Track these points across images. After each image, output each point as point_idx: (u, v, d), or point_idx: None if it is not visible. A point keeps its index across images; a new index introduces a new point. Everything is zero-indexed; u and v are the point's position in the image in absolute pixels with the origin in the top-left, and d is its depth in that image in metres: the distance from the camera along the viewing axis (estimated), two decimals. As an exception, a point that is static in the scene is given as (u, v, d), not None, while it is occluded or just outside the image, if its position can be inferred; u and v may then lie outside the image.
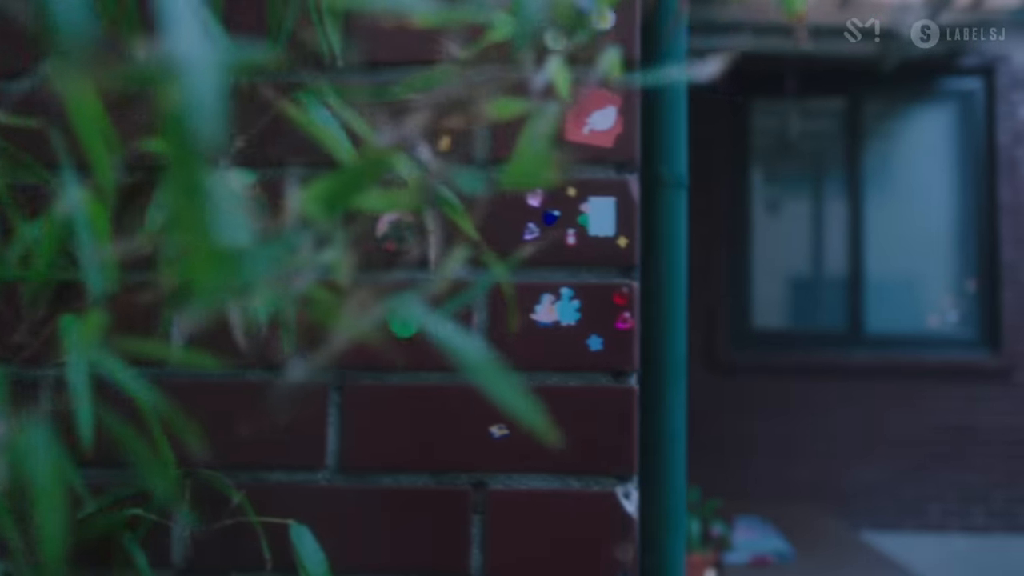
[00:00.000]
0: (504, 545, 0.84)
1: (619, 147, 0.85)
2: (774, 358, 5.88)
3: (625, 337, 0.83)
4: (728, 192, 6.04)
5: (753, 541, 4.00)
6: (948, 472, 5.75)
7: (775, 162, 6.19)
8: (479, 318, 0.86)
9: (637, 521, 0.84)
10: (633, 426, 0.83)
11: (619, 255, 0.84)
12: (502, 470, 0.85)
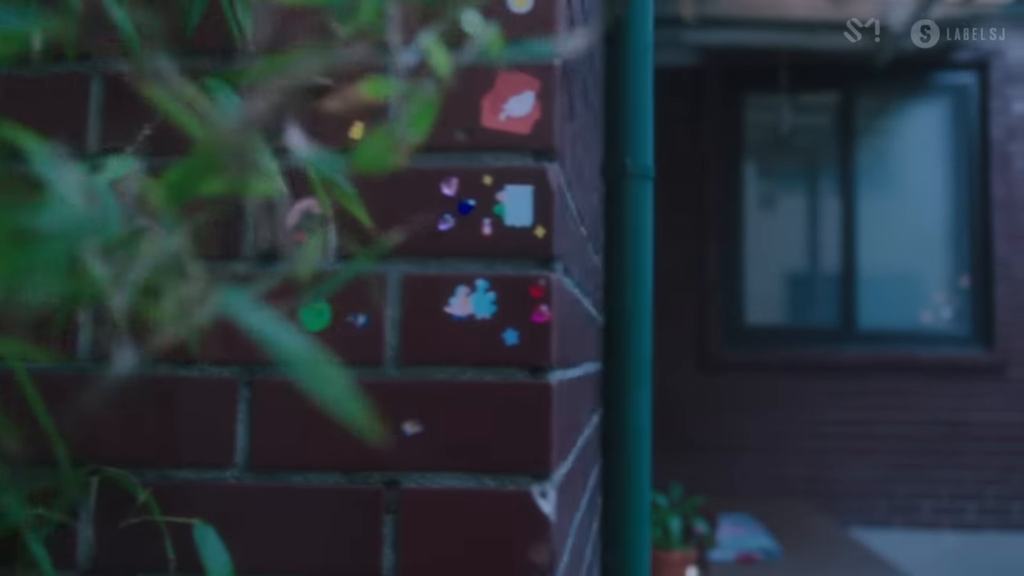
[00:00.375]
0: (417, 545, 0.81)
1: (537, 134, 0.82)
2: (766, 354, 5.85)
3: (542, 331, 0.81)
4: (720, 187, 6.01)
5: (740, 538, 3.98)
6: (940, 469, 5.72)
7: (768, 157, 6.16)
8: (391, 312, 0.83)
9: (554, 521, 0.81)
10: (549, 423, 0.80)
11: (536, 246, 0.81)
12: (415, 468, 0.82)
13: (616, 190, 1.81)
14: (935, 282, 5.92)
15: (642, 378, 1.79)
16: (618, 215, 1.81)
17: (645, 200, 1.83)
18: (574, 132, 1.04)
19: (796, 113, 6.11)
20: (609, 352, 1.79)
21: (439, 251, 0.83)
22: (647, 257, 1.82)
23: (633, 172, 1.80)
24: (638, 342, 1.79)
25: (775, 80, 5.70)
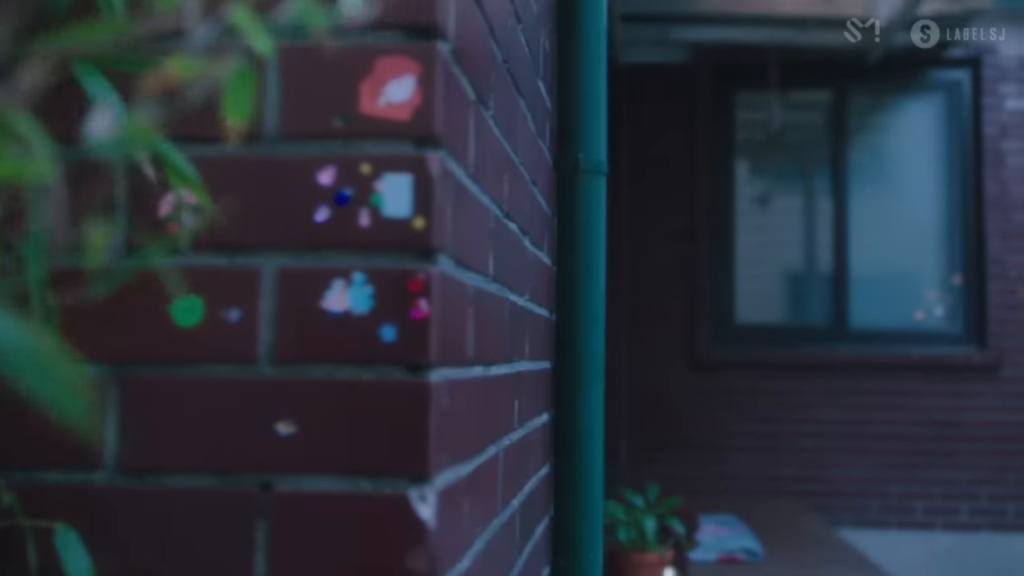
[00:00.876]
0: (290, 551, 0.78)
1: (418, 120, 0.79)
2: (758, 354, 5.81)
3: (420, 327, 0.77)
4: (711, 185, 5.97)
5: (723, 539, 3.94)
6: (933, 469, 5.68)
7: (759, 155, 6.12)
8: (266, 307, 0.80)
9: (434, 527, 0.78)
10: (427, 424, 0.77)
11: (416, 238, 0.78)
12: (290, 471, 0.79)
13: (568, 185, 1.77)
14: (928, 280, 5.87)
15: (594, 378, 1.75)
16: (570, 211, 1.77)
17: (598, 196, 1.79)
18: (480, 120, 1.00)
19: (788, 111, 6.06)
20: (560, 351, 1.76)
21: (315, 244, 0.79)
22: (599, 254, 1.79)
23: (585, 167, 1.77)
24: (590, 340, 1.75)
25: (766, 78, 5.65)
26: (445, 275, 0.82)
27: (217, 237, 0.80)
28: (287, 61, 0.81)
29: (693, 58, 5.98)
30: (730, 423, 5.76)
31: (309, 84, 0.80)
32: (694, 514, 3.52)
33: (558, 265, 1.77)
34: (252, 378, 0.79)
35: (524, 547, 1.39)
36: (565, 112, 1.79)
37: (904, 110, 6.06)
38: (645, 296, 5.91)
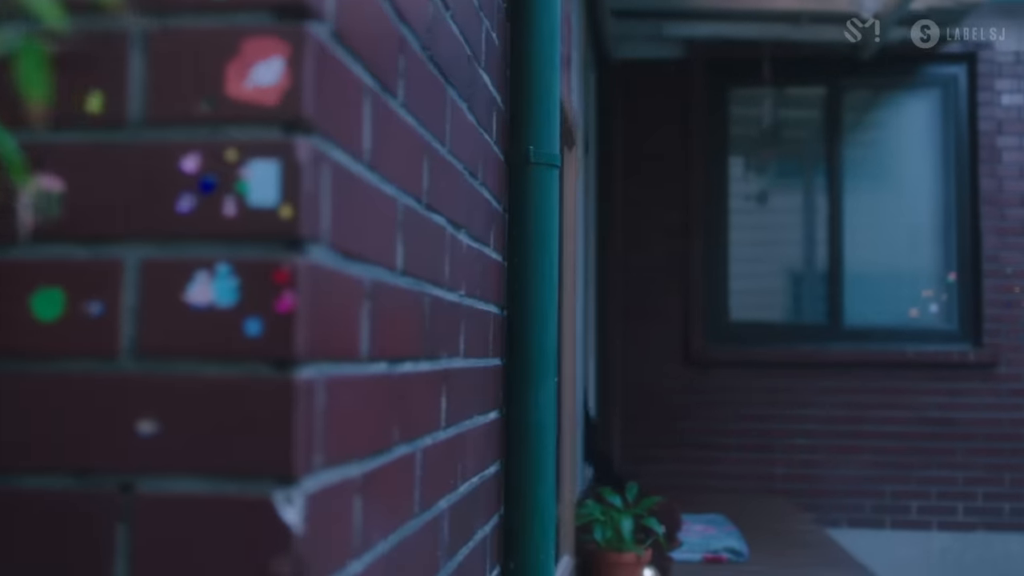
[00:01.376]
0: (152, 555, 0.74)
1: (286, 105, 0.75)
2: (751, 351, 5.76)
3: (286, 321, 0.73)
4: (705, 182, 5.92)
5: (709, 539, 3.90)
6: (928, 468, 5.62)
7: (753, 151, 6.07)
8: (128, 300, 0.76)
9: (301, 531, 0.74)
10: (293, 423, 0.73)
11: (282, 227, 0.74)
12: (153, 471, 0.75)
13: (518, 179, 1.73)
14: (923, 278, 5.82)
15: (545, 374, 1.72)
16: (520, 205, 1.73)
17: (550, 189, 1.75)
18: (380, 106, 0.96)
19: (782, 107, 6.02)
20: (510, 345, 1.72)
21: (178, 234, 0.76)
22: (552, 248, 1.75)
23: (537, 160, 1.73)
24: (541, 337, 1.72)
25: (760, 74, 5.59)
26: (318, 267, 0.78)
27: (79, 227, 0.77)
28: (153, 43, 0.77)
29: (687, 54, 5.93)
30: (724, 421, 5.72)
31: (174, 67, 0.77)
32: (677, 514, 3.48)
33: (509, 260, 1.74)
34: (113, 374, 0.76)
35: (458, 550, 1.35)
36: (516, 105, 1.75)
37: (899, 106, 6.00)
38: (639, 292, 5.86)
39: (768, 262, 6.03)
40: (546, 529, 1.72)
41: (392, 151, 1.01)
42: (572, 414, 2.80)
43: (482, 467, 1.55)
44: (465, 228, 1.39)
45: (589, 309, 5.75)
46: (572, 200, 2.80)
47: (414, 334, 1.10)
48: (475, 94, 1.47)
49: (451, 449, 1.30)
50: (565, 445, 2.77)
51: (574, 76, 3.39)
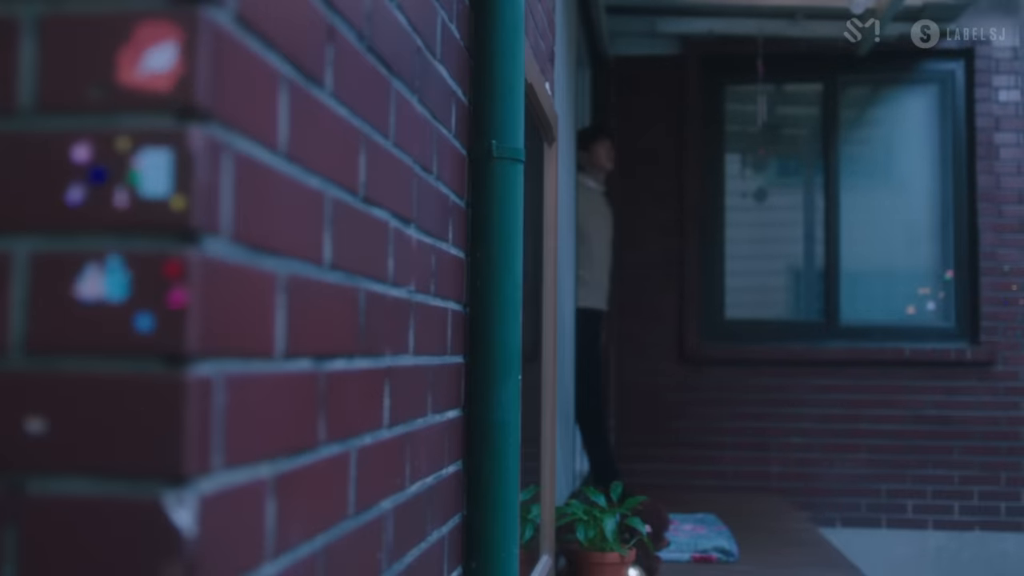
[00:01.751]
0: (41, 559, 0.72)
1: (179, 92, 0.72)
2: (747, 350, 5.73)
3: (178, 317, 0.71)
4: (700, 179, 5.89)
5: (698, 538, 3.87)
6: (925, 467, 5.59)
7: (749, 148, 6.03)
8: (17, 294, 0.73)
9: (195, 534, 0.71)
10: (184, 421, 0.70)
11: (175, 219, 0.71)
12: (42, 472, 0.72)
13: (481, 173, 1.71)
14: (919, 275, 5.78)
15: (508, 372, 1.69)
16: (483, 200, 1.70)
17: (514, 184, 1.73)
18: (301, 95, 0.93)
19: (778, 104, 5.98)
20: (473, 342, 1.69)
21: (68, 225, 0.73)
22: (516, 244, 1.72)
23: (499, 155, 1.70)
24: (504, 334, 1.69)
25: (756, 70, 5.55)
26: (215, 260, 0.75)
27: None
28: (45, 29, 0.75)
29: (682, 50, 5.90)
30: (719, 419, 5.69)
31: (67, 52, 0.74)
32: (664, 513, 3.44)
33: (471, 256, 1.71)
34: (1, 370, 0.73)
35: (407, 551, 1.33)
36: (479, 98, 1.72)
37: (896, 102, 5.97)
38: (634, 290, 5.83)
39: (764, 259, 6.00)
40: (508, 529, 1.69)
41: (317, 142, 0.98)
42: (553, 413, 2.77)
43: (439, 466, 1.52)
44: (415, 223, 1.36)
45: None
46: (553, 196, 2.77)
47: (346, 330, 1.07)
48: (428, 86, 1.44)
49: (398, 448, 1.28)
50: (546, 445, 2.74)
51: (560, 72, 3.37)
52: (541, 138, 2.72)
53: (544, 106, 2.52)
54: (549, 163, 2.77)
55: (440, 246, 1.52)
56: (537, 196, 2.49)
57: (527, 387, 2.80)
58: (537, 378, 2.69)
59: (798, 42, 5.74)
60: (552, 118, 2.70)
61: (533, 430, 2.61)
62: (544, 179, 2.77)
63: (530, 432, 2.64)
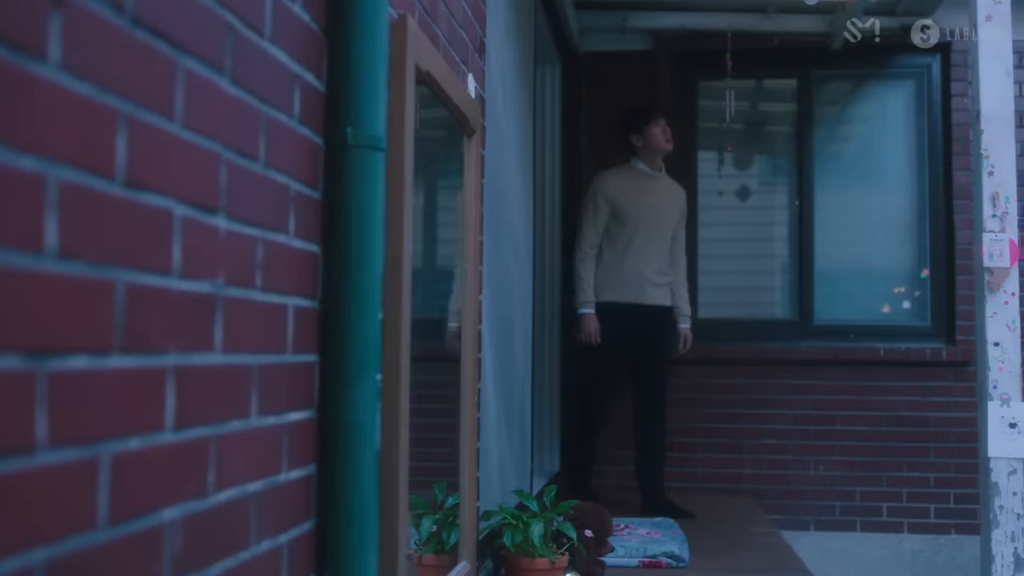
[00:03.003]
0: None
1: None
2: (719, 350, 5.63)
3: None
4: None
5: (649, 543, 3.79)
6: (900, 468, 5.49)
7: (722, 145, 5.94)
8: None
9: None
10: None
11: None
12: None
13: (336, 162, 1.63)
14: (895, 274, 5.68)
15: (364, 371, 1.61)
16: (338, 190, 1.62)
17: (372, 174, 1.64)
18: (9, 70, 0.85)
19: (752, 100, 5.88)
20: (326, 338, 1.61)
21: None
22: (375, 237, 1.64)
23: (355, 142, 1.62)
24: (360, 331, 1.61)
25: (728, 65, 5.45)
26: None
27: None
28: None
29: (653, 45, 5.80)
30: (691, 420, 5.59)
31: None
32: (607, 517, 3.36)
33: (326, 250, 1.63)
34: None
35: (210, 563, 1.25)
36: (334, 84, 1.64)
37: (871, 98, 5.87)
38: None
39: (737, 258, 5.91)
40: (364, 536, 1.61)
41: (40, 120, 0.90)
42: (473, 414, 2.69)
43: (273, 471, 1.44)
44: (224, 211, 1.28)
45: (554, 306, 5.63)
46: (473, 190, 2.69)
47: (92, 325, 0.99)
48: (250, 68, 1.36)
49: (189, 453, 1.19)
50: (465, 447, 2.66)
51: (494, 64, 3.28)
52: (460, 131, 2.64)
53: (455, 97, 2.44)
54: (469, 156, 2.69)
55: (273, 237, 1.43)
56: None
57: (453, 388, 2.72)
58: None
59: (771, 37, 5.65)
60: (470, 110, 2.62)
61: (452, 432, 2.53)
62: (464, 173, 2.69)
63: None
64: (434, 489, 2.73)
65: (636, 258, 4.84)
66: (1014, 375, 2.90)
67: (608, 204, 4.84)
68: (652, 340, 4.88)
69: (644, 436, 4.82)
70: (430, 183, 2.74)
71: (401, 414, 1.94)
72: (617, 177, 4.92)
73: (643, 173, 4.93)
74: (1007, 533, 2.88)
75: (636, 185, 4.87)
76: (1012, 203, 3.02)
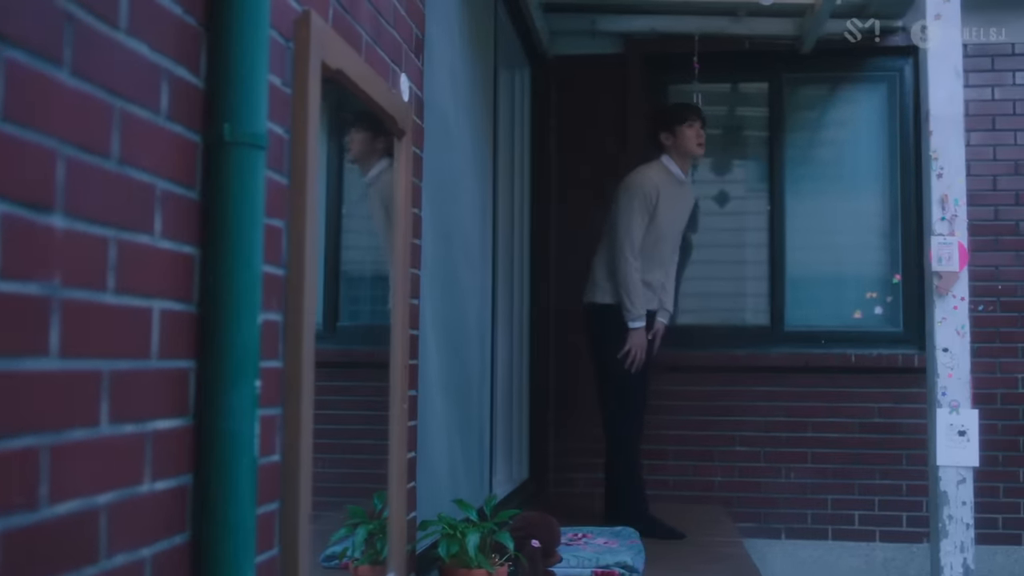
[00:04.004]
0: None
1: None
2: (689, 356, 5.57)
3: None
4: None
5: (603, 553, 3.72)
6: (872, 476, 5.43)
7: (693, 149, 5.85)
8: None
9: None
10: None
11: None
12: None
13: (213, 160, 1.56)
14: (867, 279, 5.63)
15: (240, 377, 1.55)
16: (215, 189, 1.56)
17: (251, 172, 1.58)
18: None
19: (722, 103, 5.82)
20: (203, 343, 1.55)
21: None
22: (254, 238, 1.58)
23: (233, 140, 1.56)
24: (236, 336, 1.55)
25: (700, 69, 5.39)
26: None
27: None
28: None
29: (624, 49, 5.75)
30: (661, 427, 5.52)
31: None
32: (555, 527, 3.29)
33: (206, 250, 1.56)
34: None
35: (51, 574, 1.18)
36: (213, 79, 1.58)
37: (843, 101, 5.83)
38: (574, 297, 5.66)
39: (707, 264, 5.85)
40: (240, 548, 1.55)
41: None
42: (402, 421, 2.62)
43: (130, 482, 1.38)
44: (61, 211, 1.22)
45: (523, 309, 5.57)
46: (404, 192, 2.63)
47: None
48: (98, 61, 1.30)
49: (14, 463, 1.13)
50: (394, 455, 2.60)
51: (439, 65, 3.22)
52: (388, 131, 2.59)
53: (378, 97, 2.38)
54: (399, 157, 2.63)
55: (131, 238, 1.37)
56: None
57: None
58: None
59: (742, 40, 5.59)
60: (398, 110, 2.56)
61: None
62: (394, 174, 2.63)
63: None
64: (373, 498, 2.68)
65: (659, 267, 4.57)
66: (963, 382, 2.84)
67: (651, 203, 4.44)
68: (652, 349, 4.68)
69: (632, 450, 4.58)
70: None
71: (302, 421, 1.88)
72: (659, 174, 4.54)
73: (676, 177, 4.58)
74: (956, 543, 2.81)
75: (670, 190, 4.52)
76: (961, 206, 2.96)
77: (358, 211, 2.79)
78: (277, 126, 1.84)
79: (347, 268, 2.65)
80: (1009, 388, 5.40)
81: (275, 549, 1.85)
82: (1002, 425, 5.39)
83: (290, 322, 1.88)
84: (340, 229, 2.53)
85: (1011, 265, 5.44)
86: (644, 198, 4.44)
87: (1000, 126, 5.49)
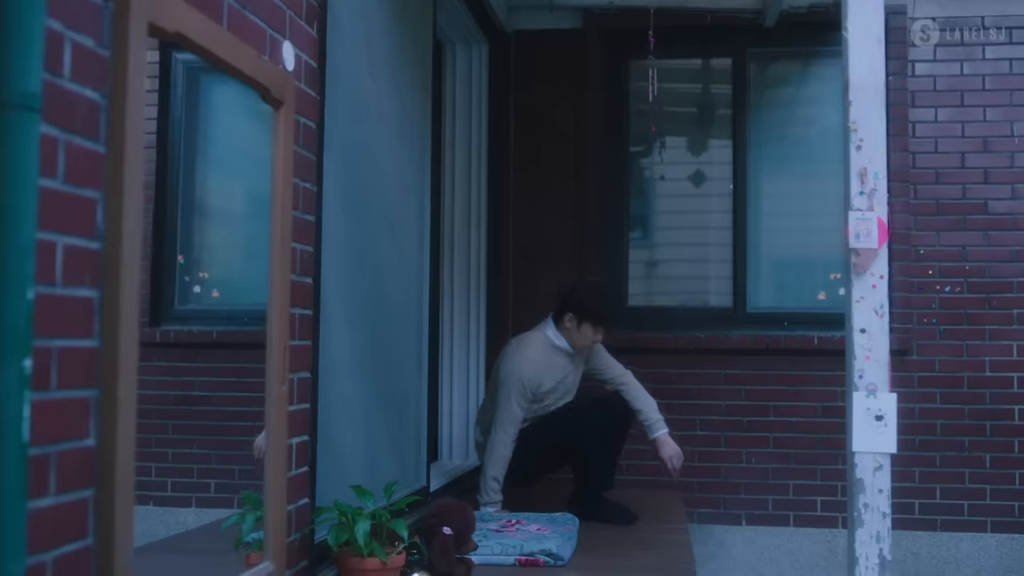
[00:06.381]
0: None
1: None
2: (649, 338, 5.45)
3: None
4: (602, 160, 5.60)
5: (531, 540, 3.61)
6: (835, 462, 5.30)
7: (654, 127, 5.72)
8: None
9: None
10: None
11: None
12: None
13: (-23, 123, 1.45)
14: (831, 260, 5.48)
15: (6, 356, 1.43)
16: (-21, 154, 1.44)
17: (22, 136, 1.47)
18: None
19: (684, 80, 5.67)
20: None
21: None
22: (24, 205, 1.46)
23: (1, 101, 1.44)
24: (0, 312, 1.43)
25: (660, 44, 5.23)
26: None
27: None
28: None
29: (583, 24, 5.61)
30: (620, 412, 5.38)
31: None
32: (469, 515, 3.17)
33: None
34: None
35: None
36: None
37: (806, 77, 5.68)
38: (531, 276, 5.54)
39: (668, 245, 5.72)
40: (5, 539, 1.44)
41: None
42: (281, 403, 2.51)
43: None
44: None
45: (480, 297, 5.45)
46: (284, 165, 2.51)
47: None
48: None
49: None
50: (272, 442, 2.48)
51: (348, 34, 3.09)
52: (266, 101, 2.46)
53: (241, 65, 2.26)
54: (277, 128, 2.51)
55: None
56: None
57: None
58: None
59: (703, 14, 5.44)
60: (273, 79, 2.43)
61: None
62: (272, 147, 2.51)
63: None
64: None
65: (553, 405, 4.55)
66: (881, 364, 2.71)
67: (529, 390, 4.41)
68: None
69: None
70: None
71: (119, 403, 1.77)
72: (541, 354, 4.47)
73: (562, 349, 4.51)
74: (872, 533, 2.69)
75: (553, 361, 4.49)
76: (881, 180, 2.83)
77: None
78: (90, 90, 1.72)
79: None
80: (976, 371, 5.25)
81: (89, 538, 1.74)
82: (968, 409, 5.25)
83: (107, 299, 1.77)
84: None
85: (979, 245, 5.29)
86: (521, 389, 4.38)
87: (969, 102, 5.33)
